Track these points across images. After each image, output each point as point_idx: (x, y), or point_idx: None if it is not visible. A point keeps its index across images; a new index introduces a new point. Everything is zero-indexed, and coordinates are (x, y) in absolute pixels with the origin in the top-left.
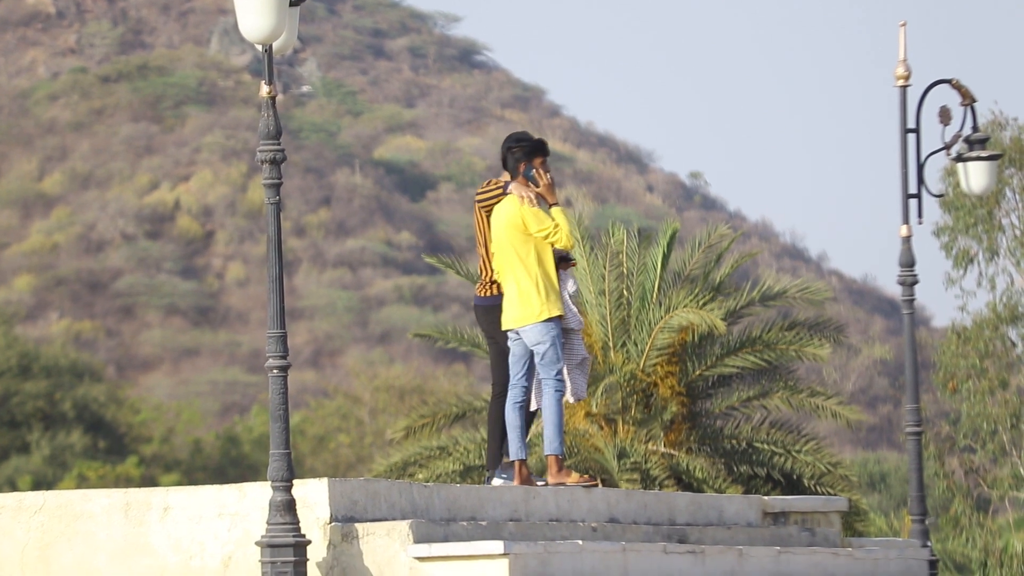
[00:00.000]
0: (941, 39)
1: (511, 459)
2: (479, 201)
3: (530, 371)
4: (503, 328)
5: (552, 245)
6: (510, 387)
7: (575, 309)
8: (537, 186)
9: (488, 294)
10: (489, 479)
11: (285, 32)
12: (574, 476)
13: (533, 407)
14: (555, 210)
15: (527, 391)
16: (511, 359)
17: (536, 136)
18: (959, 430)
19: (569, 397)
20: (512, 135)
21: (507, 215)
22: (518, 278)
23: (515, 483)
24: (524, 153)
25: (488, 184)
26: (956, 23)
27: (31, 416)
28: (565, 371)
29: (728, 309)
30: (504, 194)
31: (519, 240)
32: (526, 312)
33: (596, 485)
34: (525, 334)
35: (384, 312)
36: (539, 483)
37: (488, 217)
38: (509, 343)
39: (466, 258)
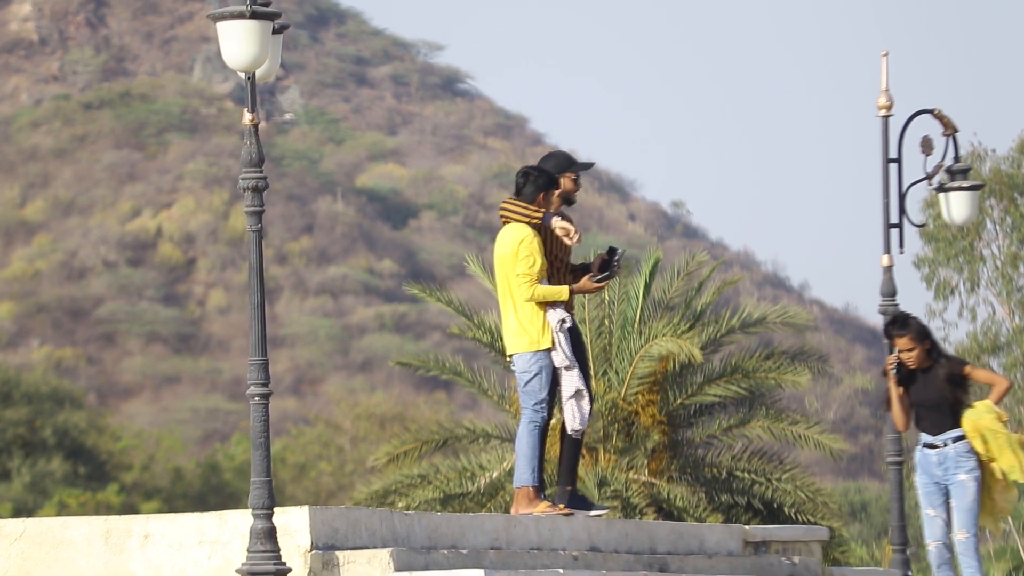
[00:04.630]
0: (923, 69)
1: (515, 485)
2: (502, 210)
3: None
4: (507, 354)
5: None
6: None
7: (565, 347)
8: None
9: None
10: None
11: (268, 60)
12: (540, 506)
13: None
14: None
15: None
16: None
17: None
18: None
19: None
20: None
21: (507, 243)
22: (513, 306)
23: (513, 511)
24: (544, 182)
25: (519, 203)
26: (938, 54)
27: (11, 443)
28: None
29: (708, 337)
30: (541, 222)
31: (511, 269)
32: (518, 341)
33: (570, 514)
34: (515, 362)
35: (365, 340)
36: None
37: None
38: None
39: (447, 286)
